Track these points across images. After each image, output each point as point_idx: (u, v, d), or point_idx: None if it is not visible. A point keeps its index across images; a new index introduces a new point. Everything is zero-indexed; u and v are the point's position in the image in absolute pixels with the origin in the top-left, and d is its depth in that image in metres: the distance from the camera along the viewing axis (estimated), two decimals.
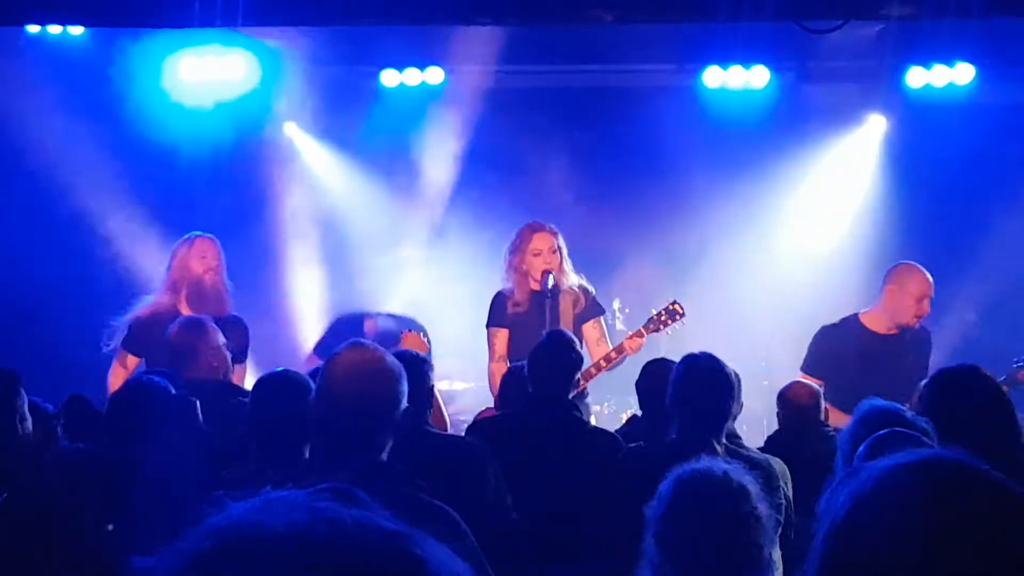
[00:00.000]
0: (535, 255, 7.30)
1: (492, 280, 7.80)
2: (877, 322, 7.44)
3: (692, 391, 4.70)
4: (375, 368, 3.35)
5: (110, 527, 4.32)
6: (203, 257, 7.15)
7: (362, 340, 3.53)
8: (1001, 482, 1.48)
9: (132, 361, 7.06)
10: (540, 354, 5.42)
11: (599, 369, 7.04)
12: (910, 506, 1.45)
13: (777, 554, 3.65)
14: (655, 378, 5.24)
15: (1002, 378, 7.02)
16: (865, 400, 4.15)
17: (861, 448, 3.29)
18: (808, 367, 7.48)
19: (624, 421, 7.52)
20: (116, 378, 6.97)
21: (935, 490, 1.47)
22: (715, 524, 3.13)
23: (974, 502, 1.45)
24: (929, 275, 7.33)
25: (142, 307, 7.15)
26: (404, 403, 3.38)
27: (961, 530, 1.42)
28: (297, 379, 4.58)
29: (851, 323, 7.54)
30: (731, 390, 4.73)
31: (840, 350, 7.33)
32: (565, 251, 7.43)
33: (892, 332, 7.37)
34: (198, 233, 7.34)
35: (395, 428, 3.36)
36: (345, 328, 7.85)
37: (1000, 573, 1.41)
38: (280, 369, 4.79)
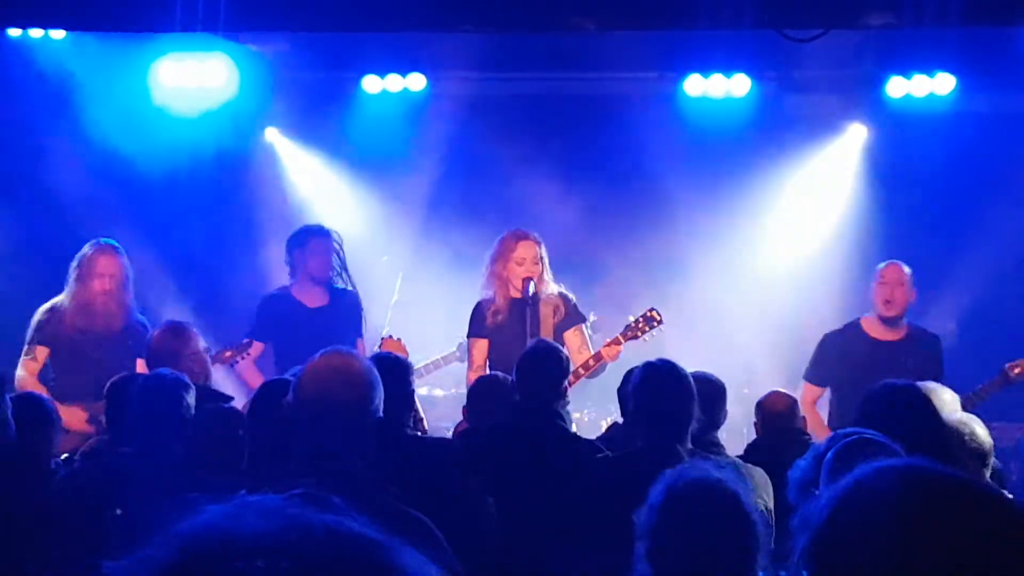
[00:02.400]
0: (518, 263, 7.30)
1: (473, 286, 7.79)
2: (875, 327, 7.44)
3: (652, 398, 4.71)
4: (344, 375, 3.36)
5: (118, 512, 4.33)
6: (102, 277, 7.24)
7: (338, 347, 3.55)
8: (981, 487, 1.50)
9: (41, 352, 7.22)
10: (528, 363, 5.41)
11: (577, 377, 7.04)
12: (890, 510, 1.46)
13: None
14: None
15: (995, 377, 7.21)
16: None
17: (828, 454, 3.29)
18: (811, 375, 7.49)
19: (605, 428, 7.53)
20: (26, 368, 7.15)
21: (915, 495, 1.48)
22: (708, 532, 3.12)
23: (953, 506, 1.46)
24: (905, 267, 7.44)
25: (45, 305, 7.32)
26: (377, 408, 3.38)
27: (941, 533, 1.43)
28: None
29: (853, 329, 7.54)
30: (690, 395, 4.72)
31: (843, 357, 7.32)
32: (547, 260, 7.44)
33: (892, 338, 7.37)
34: (105, 245, 7.36)
35: (370, 434, 3.36)
36: (275, 305, 7.77)
37: (972, 568, 1.41)
38: (277, 377, 4.80)
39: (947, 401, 5.56)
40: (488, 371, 7.19)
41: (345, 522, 1.10)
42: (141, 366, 6.66)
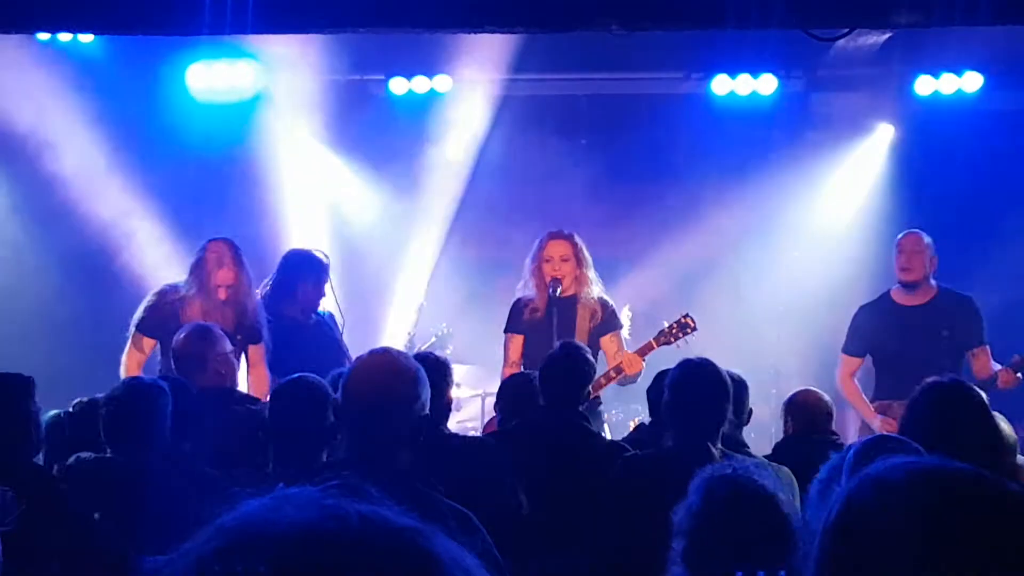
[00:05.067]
0: (546, 261, 7.31)
1: (499, 288, 7.80)
2: (901, 295, 7.63)
3: (687, 396, 4.70)
4: (391, 370, 3.42)
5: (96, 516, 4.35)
6: (219, 287, 7.08)
7: (387, 347, 3.63)
8: (992, 480, 1.51)
9: (148, 343, 7.01)
10: (551, 366, 5.42)
11: (599, 386, 7.00)
12: (903, 506, 1.47)
13: None
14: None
15: (1016, 358, 7.26)
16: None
17: (849, 455, 3.29)
18: (847, 347, 7.72)
19: (632, 429, 7.52)
20: (131, 359, 6.95)
21: (928, 491, 1.48)
22: (746, 535, 3.12)
23: (968, 503, 1.47)
24: (923, 236, 7.62)
25: (161, 293, 7.12)
26: (424, 404, 3.44)
27: (954, 529, 1.44)
28: (314, 385, 4.65)
29: (883, 299, 7.74)
30: (726, 395, 4.71)
31: (876, 326, 7.59)
32: (587, 261, 7.41)
33: (919, 303, 7.54)
34: (228, 251, 7.18)
35: (416, 430, 3.42)
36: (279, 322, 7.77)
37: (989, 566, 1.42)
38: (297, 375, 4.83)
39: None
40: (522, 367, 7.20)
41: (380, 511, 1.12)
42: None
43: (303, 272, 7.75)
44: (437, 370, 4.89)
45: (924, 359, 6.96)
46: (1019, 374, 7.22)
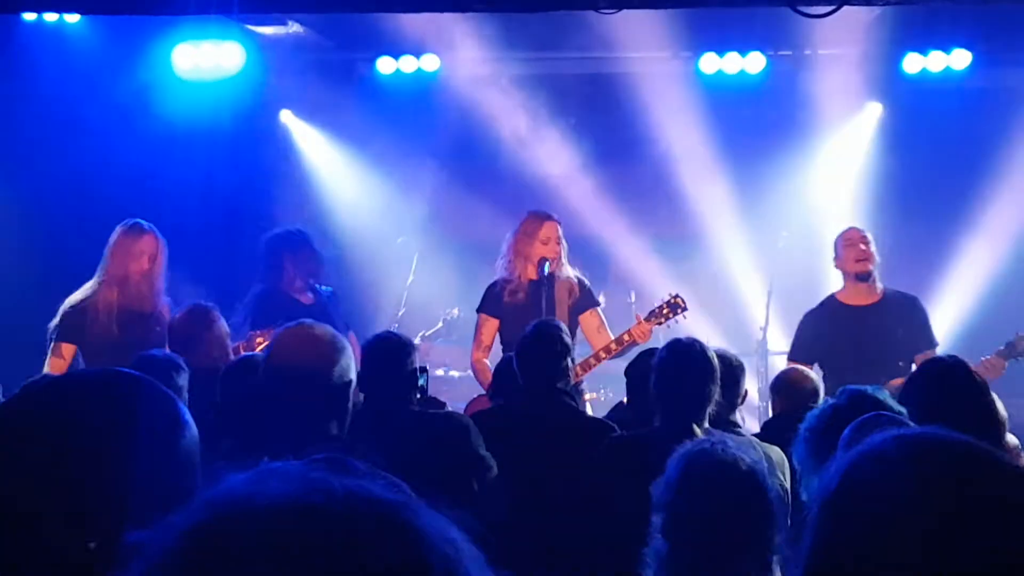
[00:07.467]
0: (543, 243, 7.31)
1: (485, 268, 7.80)
2: (850, 295, 7.37)
3: (673, 375, 4.71)
4: (309, 343, 3.51)
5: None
6: (141, 256, 7.01)
7: (303, 320, 3.67)
8: (988, 451, 1.51)
9: (68, 350, 6.95)
10: (527, 345, 5.40)
11: (598, 360, 7.03)
12: (901, 476, 1.47)
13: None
14: (646, 367, 5.23)
15: (1002, 348, 7.01)
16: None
17: (845, 432, 3.31)
18: (794, 354, 7.41)
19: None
20: (54, 371, 6.79)
21: (926, 461, 1.49)
22: (724, 508, 3.14)
23: (965, 473, 1.47)
24: (861, 229, 7.44)
25: (75, 296, 7.07)
26: (344, 372, 3.47)
27: (952, 499, 1.44)
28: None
29: (828, 302, 7.49)
30: (713, 376, 4.72)
31: (823, 331, 7.30)
32: (564, 243, 7.45)
33: (868, 302, 7.30)
34: (141, 228, 7.13)
35: (339, 398, 3.45)
36: (274, 300, 7.71)
37: (985, 535, 1.42)
38: (245, 355, 4.83)
39: None
40: (501, 351, 7.19)
41: (365, 485, 1.11)
42: None
43: (285, 248, 7.77)
44: (398, 351, 4.88)
45: (878, 361, 6.70)
46: (1008, 360, 6.91)
